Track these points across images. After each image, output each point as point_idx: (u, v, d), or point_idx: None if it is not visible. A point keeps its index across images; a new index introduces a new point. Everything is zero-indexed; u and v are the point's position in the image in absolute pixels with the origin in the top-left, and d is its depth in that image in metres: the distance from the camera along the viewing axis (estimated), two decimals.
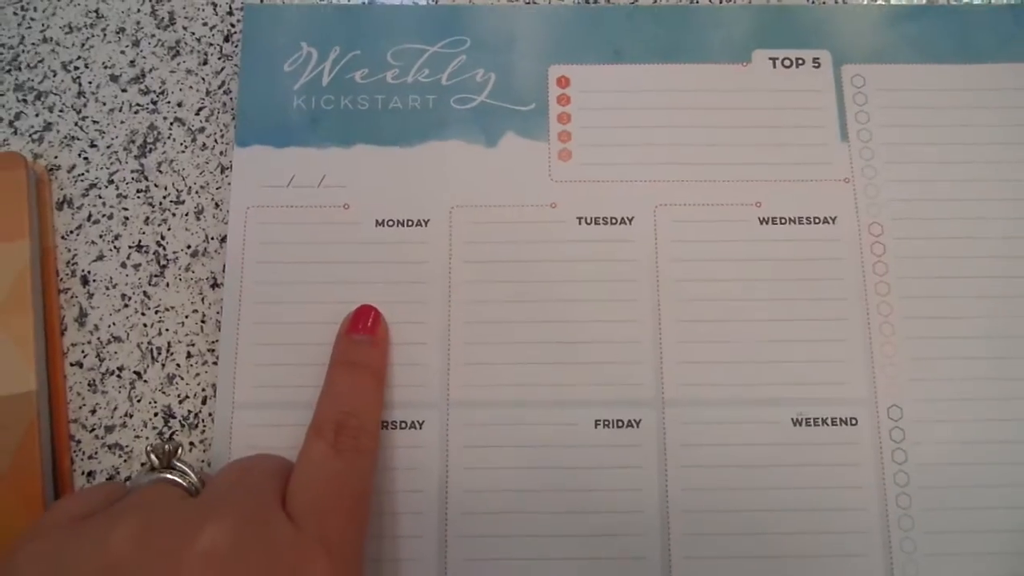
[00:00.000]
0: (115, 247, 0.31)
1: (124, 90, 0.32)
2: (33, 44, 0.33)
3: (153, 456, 0.25)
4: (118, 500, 0.23)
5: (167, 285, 0.30)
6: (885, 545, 0.28)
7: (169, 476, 0.25)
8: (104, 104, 0.32)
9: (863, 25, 0.32)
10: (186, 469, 0.25)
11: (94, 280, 0.30)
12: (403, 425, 0.28)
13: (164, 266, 0.31)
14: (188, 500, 0.24)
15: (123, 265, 0.31)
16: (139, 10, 0.33)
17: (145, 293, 0.30)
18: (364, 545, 0.25)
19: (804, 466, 0.28)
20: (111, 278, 0.30)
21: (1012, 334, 0.29)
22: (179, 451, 0.25)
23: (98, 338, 0.30)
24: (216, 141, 0.32)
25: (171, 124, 0.32)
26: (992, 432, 0.28)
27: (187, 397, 0.29)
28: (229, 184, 0.31)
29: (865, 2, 0.33)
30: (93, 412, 0.29)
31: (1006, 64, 0.31)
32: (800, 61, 0.31)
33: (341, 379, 0.27)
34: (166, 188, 0.31)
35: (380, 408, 0.27)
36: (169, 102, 0.32)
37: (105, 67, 0.32)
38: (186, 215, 0.31)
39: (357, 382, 0.27)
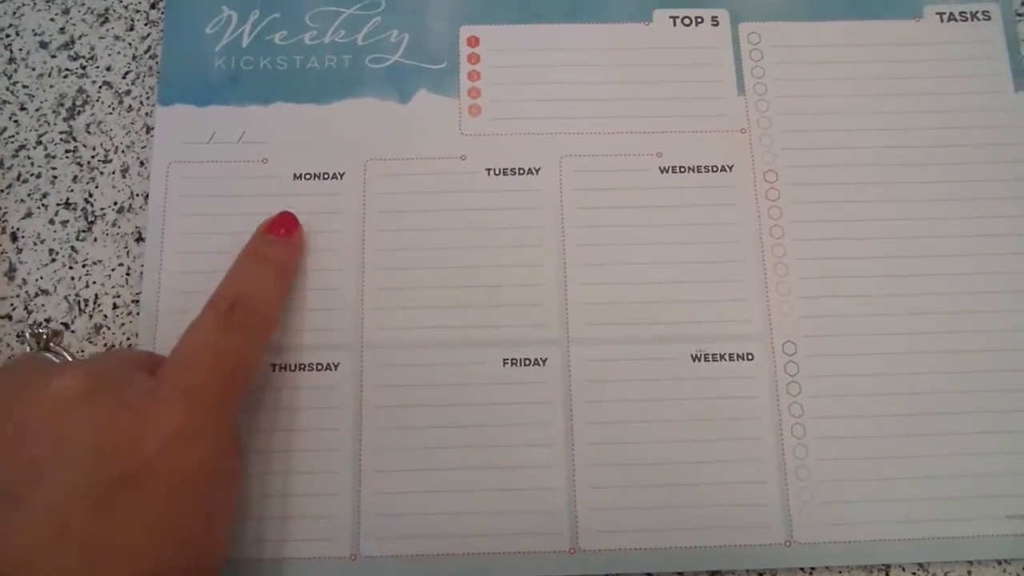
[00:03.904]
0: (43, 204, 0.32)
1: (54, 56, 0.33)
2: None
3: (30, 337, 0.26)
4: None
5: (95, 240, 0.32)
6: (781, 472, 0.29)
7: (45, 355, 0.26)
8: (34, 70, 0.33)
9: None
10: (62, 351, 0.26)
11: (22, 236, 0.32)
12: (319, 367, 0.30)
13: (92, 222, 0.32)
14: (52, 364, 0.25)
15: (51, 222, 0.32)
16: None
17: (73, 248, 0.31)
18: (237, 410, 0.25)
19: (703, 399, 0.29)
20: (39, 234, 0.32)
21: (899, 273, 0.31)
22: (59, 336, 0.26)
23: (26, 291, 0.31)
24: (142, 103, 0.33)
25: (99, 88, 0.33)
26: (880, 365, 0.30)
27: (113, 346, 0.30)
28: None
29: None
30: None
31: (893, 21, 0.33)
32: (699, 20, 0.33)
33: (246, 266, 0.28)
34: (94, 148, 0.32)
35: (280, 300, 0.28)
36: (98, 67, 0.33)
37: (35, 34, 0.34)
38: (113, 173, 0.32)
39: (261, 271, 0.28)
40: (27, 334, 0.26)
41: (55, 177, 0.32)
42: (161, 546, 0.22)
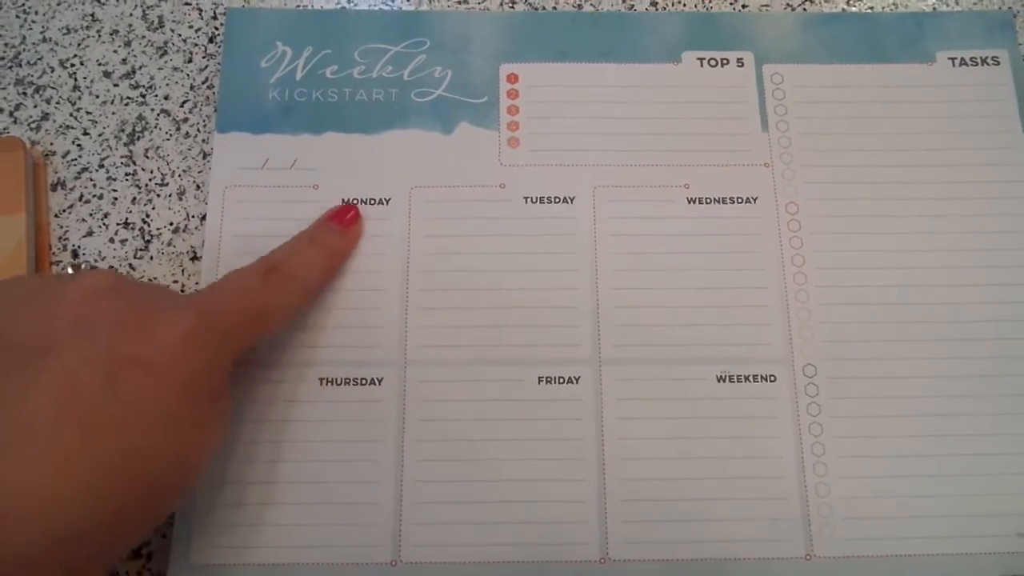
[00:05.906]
0: (104, 224, 0.34)
1: (116, 85, 0.36)
2: (33, 43, 0.36)
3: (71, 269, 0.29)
4: None
5: (151, 258, 0.33)
6: (801, 489, 0.30)
7: None
8: (97, 97, 0.35)
9: (782, 29, 0.36)
10: None
11: (84, 254, 0.33)
12: (363, 382, 0.31)
13: (148, 241, 0.34)
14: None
15: (111, 240, 0.34)
16: (131, 14, 0.36)
17: (131, 265, 0.33)
18: (241, 347, 0.27)
19: (727, 418, 0.31)
20: (99, 251, 0.33)
21: (914, 301, 0.32)
22: None
23: None
24: (199, 130, 0.35)
25: (158, 115, 0.35)
26: (897, 387, 0.31)
27: None
28: (209, 168, 0.34)
29: (784, 9, 0.37)
30: None
31: (907, 64, 0.35)
32: (725, 61, 0.35)
33: (299, 243, 0.30)
34: (152, 172, 0.34)
35: (320, 280, 0.31)
36: (157, 95, 0.35)
37: (99, 64, 0.36)
38: (170, 196, 0.34)
39: (310, 251, 0.30)
40: (69, 267, 0.29)
41: (115, 199, 0.34)
42: (149, 428, 0.22)
